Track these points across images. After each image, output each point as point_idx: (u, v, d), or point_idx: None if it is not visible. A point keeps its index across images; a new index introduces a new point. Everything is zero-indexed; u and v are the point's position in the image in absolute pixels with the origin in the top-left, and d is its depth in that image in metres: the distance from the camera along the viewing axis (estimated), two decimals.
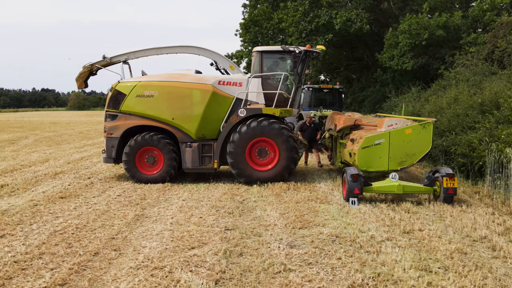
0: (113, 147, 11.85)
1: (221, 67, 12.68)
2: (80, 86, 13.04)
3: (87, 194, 10.30)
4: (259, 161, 11.46)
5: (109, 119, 11.91)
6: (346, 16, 21.68)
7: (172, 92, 11.61)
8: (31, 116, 66.78)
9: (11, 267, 5.73)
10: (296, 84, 11.82)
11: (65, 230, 7.35)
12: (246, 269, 5.69)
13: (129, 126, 11.78)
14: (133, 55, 12.55)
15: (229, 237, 6.98)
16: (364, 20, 22.15)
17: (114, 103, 11.86)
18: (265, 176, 11.33)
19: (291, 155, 11.32)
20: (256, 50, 11.89)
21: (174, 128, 11.68)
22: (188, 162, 11.66)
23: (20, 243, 6.73)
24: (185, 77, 11.75)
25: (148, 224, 7.81)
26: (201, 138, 11.74)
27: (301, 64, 11.68)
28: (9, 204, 9.13)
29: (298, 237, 7.05)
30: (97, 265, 5.89)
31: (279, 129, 11.21)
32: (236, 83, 11.67)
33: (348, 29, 22.24)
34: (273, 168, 11.36)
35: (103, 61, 12.54)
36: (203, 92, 11.51)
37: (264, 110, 11.42)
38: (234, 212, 8.57)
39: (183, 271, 5.61)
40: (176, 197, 10.00)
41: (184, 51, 12.58)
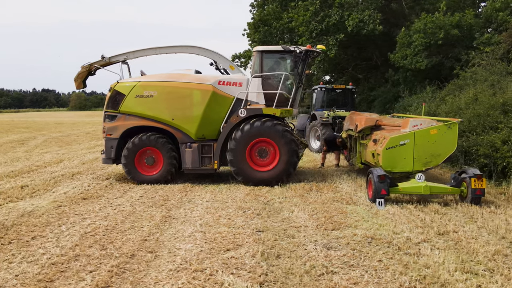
0: (112, 147, 11.72)
1: (221, 67, 12.57)
2: (78, 86, 12.96)
3: (108, 195, 10.23)
4: (258, 161, 11.37)
5: (108, 120, 11.78)
6: (358, 18, 21.57)
7: (172, 92, 11.49)
8: (32, 116, 66.80)
9: (49, 270, 5.66)
10: (297, 84, 11.72)
11: (95, 232, 7.28)
12: (288, 272, 5.61)
13: (129, 126, 11.64)
14: (132, 55, 12.43)
15: (262, 238, 6.90)
16: (377, 21, 22.06)
17: (113, 104, 11.73)
18: (263, 177, 11.24)
19: (291, 159, 11.21)
20: (256, 50, 11.79)
21: (174, 128, 11.57)
22: (188, 163, 11.57)
23: (53, 245, 6.65)
24: (185, 77, 11.64)
25: (177, 225, 7.74)
26: (201, 139, 11.63)
27: (301, 64, 11.57)
28: (33, 205, 9.05)
29: (332, 238, 6.98)
30: (135, 267, 5.81)
31: (282, 131, 11.11)
32: (236, 83, 11.55)
33: (361, 31, 22.14)
34: (272, 169, 11.26)
35: (102, 61, 12.43)
36: (203, 92, 11.40)
37: (264, 110, 11.31)
38: (262, 213, 8.49)
39: (224, 274, 5.53)
40: (199, 198, 9.92)
41: (184, 51, 12.49)
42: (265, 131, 11.12)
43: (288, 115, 11.78)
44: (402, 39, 21.05)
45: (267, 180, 11.25)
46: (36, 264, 5.87)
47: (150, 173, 11.57)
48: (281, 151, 11.17)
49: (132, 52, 12.42)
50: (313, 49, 11.62)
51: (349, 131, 12.85)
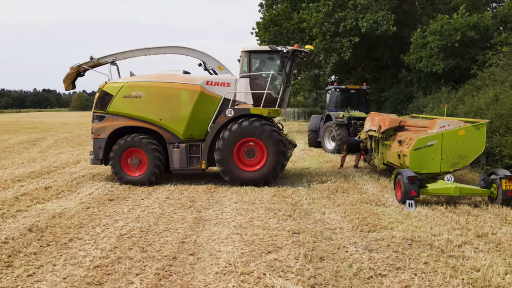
0: (100, 148, 11.72)
1: (209, 68, 12.54)
2: (67, 87, 12.96)
3: (134, 196, 10.20)
4: (246, 161, 11.32)
5: (96, 120, 11.76)
6: (372, 19, 21.49)
7: (160, 92, 11.48)
8: (36, 116, 66.79)
9: (96, 272, 5.62)
10: (285, 84, 11.62)
11: (131, 234, 7.24)
12: (336, 275, 5.57)
13: (116, 127, 11.63)
14: (121, 55, 12.44)
15: (301, 241, 6.86)
16: (391, 22, 21.99)
17: (101, 104, 11.73)
18: (250, 177, 11.20)
19: (278, 159, 11.16)
20: (244, 50, 11.70)
21: (162, 129, 11.55)
22: (176, 163, 11.55)
23: (92, 247, 6.62)
24: (173, 77, 11.63)
25: (211, 227, 7.70)
26: (188, 139, 11.60)
27: (289, 63, 11.52)
28: (61, 207, 9.02)
29: (371, 240, 6.94)
30: (180, 270, 5.77)
31: (270, 132, 11.07)
32: (224, 83, 11.53)
33: (374, 32, 22.06)
34: (259, 169, 11.21)
35: (91, 62, 12.44)
36: (191, 92, 11.38)
37: (252, 110, 11.27)
38: (293, 215, 8.45)
39: (272, 277, 5.49)
40: (226, 199, 9.88)
41: (172, 51, 12.50)
42: (252, 131, 11.05)
43: (276, 115, 11.76)
44: (417, 41, 20.96)
45: (254, 180, 11.18)
46: (80, 266, 5.83)
47: (135, 174, 11.55)
48: (268, 151, 11.10)
49: (121, 53, 12.44)
50: (300, 49, 11.57)
51: (370, 131, 12.80)
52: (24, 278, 5.45)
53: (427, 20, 22.60)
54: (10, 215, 8.34)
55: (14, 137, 26.34)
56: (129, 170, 11.58)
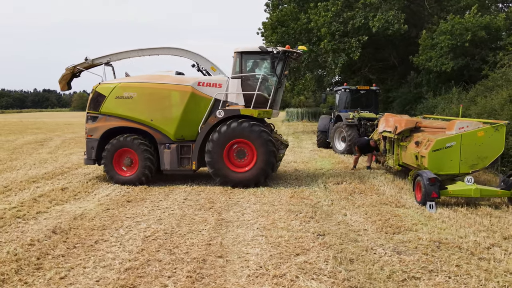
0: (93, 148, 11.82)
1: (202, 68, 12.54)
2: (63, 88, 13.09)
3: (151, 197, 10.17)
4: (236, 162, 11.32)
5: (90, 121, 11.87)
6: (384, 19, 21.43)
7: (151, 93, 11.54)
8: (37, 116, 66.76)
9: (127, 275, 5.60)
10: (276, 85, 11.56)
11: (155, 236, 7.21)
12: (369, 277, 5.55)
13: (109, 127, 11.73)
14: (115, 56, 12.55)
15: (327, 243, 6.84)
16: (401, 21, 21.94)
17: (94, 105, 11.84)
18: (240, 178, 11.17)
19: (269, 159, 11.11)
20: (235, 51, 11.66)
21: (153, 129, 11.61)
22: (167, 164, 11.59)
23: (119, 249, 6.59)
24: (165, 78, 11.70)
25: (234, 229, 7.67)
26: (180, 140, 11.64)
27: (280, 64, 11.48)
28: (80, 208, 9.00)
29: (397, 242, 6.92)
30: (211, 272, 5.75)
31: (259, 132, 11.04)
32: (216, 84, 11.55)
33: (386, 31, 22.01)
34: (249, 170, 11.18)
35: (85, 63, 12.55)
36: (182, 93, 11.42)
37: (242, 111, 11.26)
38: (315, 216, 8.42)
39: (305, 279, 5.47)
40: (244, 201, 9.85)
41: (166, 52, 12.54)
42: (242, 132, 11.04)
43: (267, 116, 11.63)
44: (426, 41, 20.92)
45: (245, 181, 11.16)
46: (111, 269, 5.81)
47: (127, 174, 11.64)
48: (258, 152, 11.07)
49: (115, 54, 12.53)
50: (291, 50, 11.53)
51: (384, 132, 12.78)
52: (57, 281, 5.43)
53: (437, 20, 22.53)
54: (31, 217, 8.33)
55: (21, 137, 26.30)
56: (120, 170, 11.68)
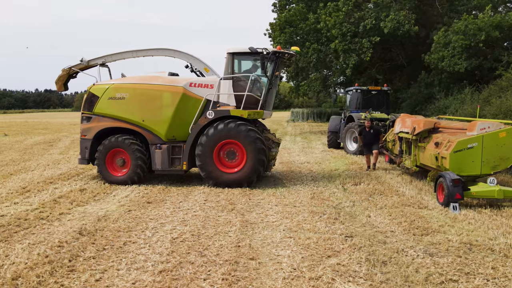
0: (86, 148, 11.97)
1: (196, 69, 12.57)
2: (59, 88, 13.27)
3: (171, 199, 10.14)
4: (228, 163, 11.34)
5: (84, 121, 12.04)
6: (396, 19, 21.36)
7: (143, 94, 11.65)
8: (40, 117, 66.70)
9: (162, 277, 5.57)
10: (267, 86, 11.55)
11: (183, 238, 7.19)
12: (406, 280, 5.51)
13: (101, 128, 11.86)
14: (110, 58, 12.70)
15: (357, 244, 6.80)
16: (412, 21, 21.89)
17: (88, 105, 11.99)
18: (233, 178, 11.20)
19: (258, 157, 11.08)
20: (227, 51, 11.65)
21: (144, 130, 11.70)
22: (158, 164, 11.64)
23: (148, 251, 6.57)
24: (157, 79, 11.82)
25: (261, 231, 7.64)
26: (171, 140, 11.71)
27: (271, 65, 11.41)
28: (102, 210, 8.98)
29: (427, 244, 6.89)
30: (246, 275, 5.71)
31: (246, 131, 11.03)
32: (207, 85, 11.59)
33: (397, 32, 21.95)
34: (240, 170, 11.20)
35: (81, 64, 12.73)
36: (173, 94, 11.49)
37: (232, 112, 11.25)
38: (339, 218, 8.39)
39: (342, 282, 5.44)
40: (265, 202, 9.82)
41: (160, 53, 12.66)
42: (229, 132, 11.06)
43: (258, 117, 11.62)
44: (439, 40, 20.85)
45: (238, 181, 11.18)
46: (145, 271, 5.78)
47: (119, 174, 11.74)
48: (247, 150, 11.07)
49: (110, 55, 12.72)
50: (283, 51, 11.49)
51: (401, 133, 12.74)
52: (93, 283, 5.40)
53: (448, 20, 22.49)
54: (54, 218, 8.31)
55: (29, 138, 26.28)
56: (113, 170, 11.78)
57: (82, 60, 12.66)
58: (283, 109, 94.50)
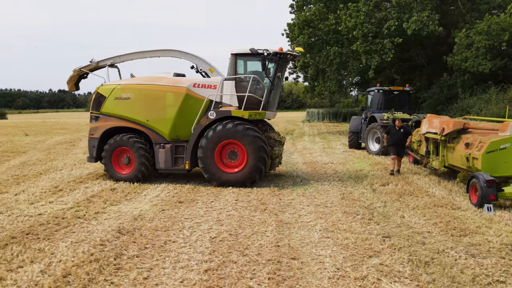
0: (94, 147, 12.34)
1: (201, 70, 12.68)
2: (71, 89, 13.69)
3: (202, 198, 10.21)
4: (230, 164, 11.45)
5: (93, 121, 12.37)
6: (419, 20, 21.18)
7: (147, 94, 11.89)
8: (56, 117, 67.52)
9: (209, 276, 5.63)
10: (269, 86, 11.60)
11: (221, 237, 7.24)
12: (453, 280, 5.51)
13: (108, 127, 12.18)
14: (119, 59, 12.99)
15: (396, 245, 6.80)
16: (436, 22, 21.73)
17: (96, 105, 12.31)
18: (235, 178, 11.30)
19: (259, 155, 11.13)
20: (231, 52, 11.72)
21: (149, 129, 11.93)
22: (161, 163, 11.85)
23: (190, 250, 6.63)
24: (162, 80, 12.03)
25: (297, 231, 7.67)
26: (175, 140, 11.89)
27: (273, 66, 11.48)
28: (136, 209, 9.07)
29: (467, 245, 6.87)
30: (290, 274, 5.75)
31: (244, 130, 11.11)
32: (211, 86, 11.70)
33: (421, 33, 21.77)
34: (242, 169, 11.28)
35: (91, 65, 13.07)
36: (177, 94, 11.67)
37: (233, 113, 11.36)
38: (373, 218, 8.40)
39: (389, 282, 5.46)
40: (296, 202, 9.84)
41: (166, 54, 12.88)
42: (228, 133, 11.17)
43: (260, 117, 11.69)
44: (461, 41, 20.71)
45: (241, 180, 11.26)
46: (190, 270, 5.85)
47: (124, 172, 12.01)
48: (247, 149, 11.15)
49: (119, 56, 13.05)
50: (285, 52, 11.48)
51: (428, 134, 12.68)
52: (141, 281, 5.48)
53: (470, 19, 22.30)
54: (91, 217, 8.42)
55: (49, 138, 26.60)
56: (119, 168, 12.08)
57: (92, 61, 13.02)
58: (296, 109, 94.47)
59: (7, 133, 30.87)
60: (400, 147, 13.48)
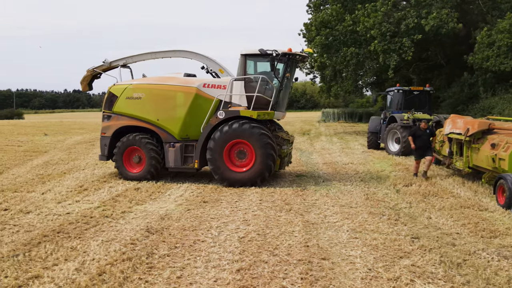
0: (105, 145, 12.54)
1: (211, 70, 12.78)
2: (84, 88, 13.99)
3: (226, 198, 10.25)
4: (239, 163, 11.52)
5: (105, 120, 12.59)
6: (438, 18, 21.01)
7: (158, 94, 12.08)
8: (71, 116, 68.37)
9: (241, 276, 5.65)
10: (278, 87, 11.62)
11: (250, 237, 7.26)
12: (488, 282, 5.47)
13: (119, 126, 12.36)
14: (131, 59, 13.25)
15: (426, 246, 6.77)
16: (455, 19, 21.51)
17: (108, 105, 12.52)
18: (245, 177, 11.36)
19: (267, 152, 11.16)
20: (241, 53, 11.76)
21: (159, 128, 12.08)
22: (171, 162, 11.99)
23: (220, 249, 6.66)
24: (172, 80, 12.19)
25: (324, 231, 7.66)
26: (184, 139, 12.03)
27: (281, 67, 11.50)
28: (162, 209, 9.14)
29: (498, 247, 6.81)
30: (323, 274, 5.75)
31: (250, 129, 11.16)
32: (220, 86, 11.80)
33: (440, 30, 21.58)
34: (251, 168, 11.33)
35: (104, 65, 13.33)
36: (186, 94, 11.80)
37: (241, 113, 11.42)
38: (399, 219, 8.36)
39: (423, 284, 5.43)
40: (320, 202, 9.83)
41: (177, 55, 13.00)
42: (235, 133, 11.24)
43: (269, 117, 11.75)
44: (483, 40, 20.49)
45: (250, 179, 11.33)
46: (222, 269, 5.88)
47: (135, 171, 12.19)
48: (255, 147, 11.21)
49: (131, 57, 13.27)
50: (293, 53, 11.47)
51: (451, 134, 12.57)
52: (175, 280, 5.53)
53: (491, 18, 22.05)
54: (118, 216, 8.51)
55: (68, 137, 26.90)
56: (130, 167, 12.26)
57: (105, 61, 13.28)
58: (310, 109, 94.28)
59: (26, 132, 31.28)
60: (426, 149, 13.06)
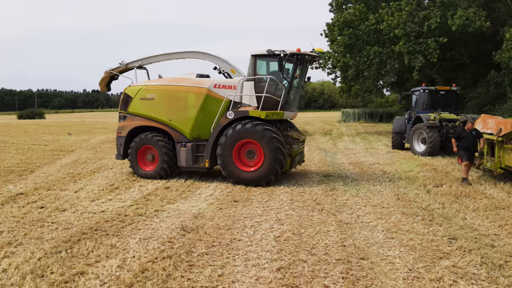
0: (121, 145, 12.93)
1: (223, 71, 12.90)
2: (102, 89, 14.38)
3: (256, 197, 10.27)
4: (248, 162, 11.62)
5: (121, 120, 12.94)
6: (465, 16, 20.73)
7: (170, 95, 12.32)
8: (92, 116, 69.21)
9: (282, 275, 5.67)
10: (287, 87, 11.64)
11: (285, 237, 7.27)
12: None
13: (134, 126, 12.70)
14: (146, 60, 13.56)
15: (464, 247, 6.70)
16: (483, 18, 21.19)
17: (124, 105, 12.89)
18: (251, 177, 11.44)
19: (276, 156, 11.21)
20: (251, 54, 11.79)
21: (171, 128, 12.32)
22: (183, 161, 12.20)
23: (257, 248, 6.69)
24: (184, 81, 12.37)
25: (358, 231, 7.64)
26: (196, 139, 12.22)
27: (290, 67, 11.56)
28: (194, 208, 9.21)
29: None
30: (363, 274, 5.74)
31: (262, 131, 11.20)
32: (231, 86, 11.92)
33: (467, 29, 21.25)
34: (258, 169, 11.41)
35: (120, 67, 13.67)
36: (198, 95, 11.98)
37: (250, 113, 11.49)
38: (435, 219, 8.29)
39: (466, 285, 5.39)
40: (351, 202, 9.77)
41: (190, 56, 13.20)
42: (247, 133, 11.32)
43: (278, 117, 11.79)
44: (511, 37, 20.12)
45: (254, 180, 11.41)
46: (262, 268, 5.90)
47: (148, 169, 12.51)
48: (264, 150, 11.27)
49: (146, 58, 13.56)
50: (302, 53, 11.42)
51: (483, 134, 12.38)
52: (217, 278, 5.57)
53: None
54: (152, 215, 8.60)
55: (92, 137, 27.31)
56: (143, 165, 12.59)
57: (121, 63, 13.63)
58: (328, 109, 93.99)
59: (50, 132, 31.86)
60: (471, 152, 12.34)
